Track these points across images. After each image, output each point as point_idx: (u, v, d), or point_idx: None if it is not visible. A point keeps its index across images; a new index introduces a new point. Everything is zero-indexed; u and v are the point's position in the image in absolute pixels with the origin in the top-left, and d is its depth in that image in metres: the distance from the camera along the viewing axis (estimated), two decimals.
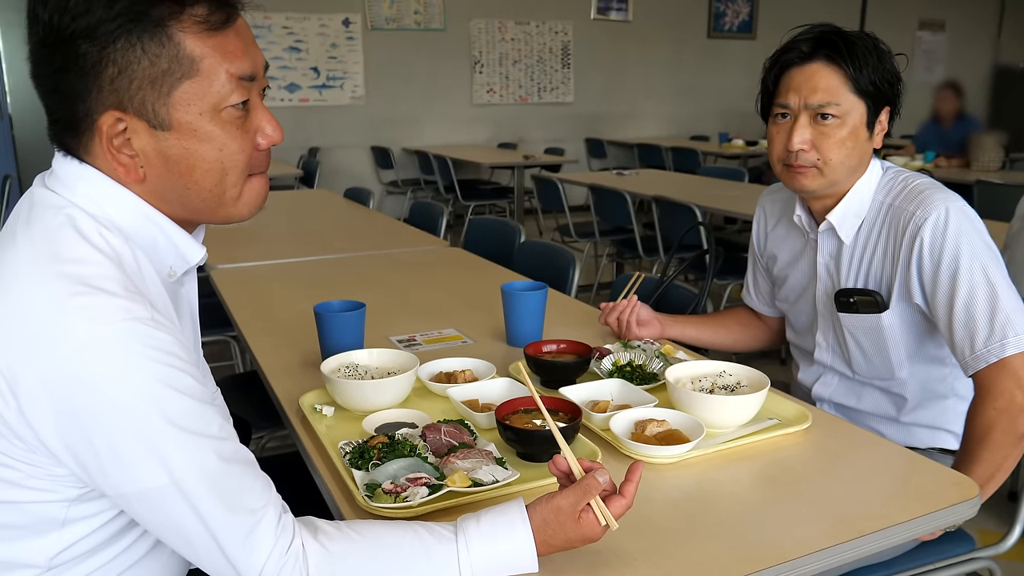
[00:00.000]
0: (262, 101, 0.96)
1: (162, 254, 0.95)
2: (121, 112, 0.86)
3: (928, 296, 1.45)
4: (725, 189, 4.64)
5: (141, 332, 0.81)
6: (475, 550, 0.91)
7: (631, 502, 0.96)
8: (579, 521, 0.93)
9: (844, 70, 1.43)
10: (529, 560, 0.92)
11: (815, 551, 0.98)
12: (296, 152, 7.34)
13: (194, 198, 0.93)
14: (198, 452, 0.83)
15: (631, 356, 1.56)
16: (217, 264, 2.52)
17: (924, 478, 1.17)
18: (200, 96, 0.88)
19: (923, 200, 1.45)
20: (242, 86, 0.90)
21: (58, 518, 0.88)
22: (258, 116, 0.95)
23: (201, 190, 0.92)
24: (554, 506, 0.94)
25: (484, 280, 2.31)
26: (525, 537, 0.92)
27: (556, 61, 8.47)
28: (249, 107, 0.93)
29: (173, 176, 0.91)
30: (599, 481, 0.94)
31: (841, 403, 1.66)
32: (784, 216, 1.72)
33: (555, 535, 0.93)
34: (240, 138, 0.92)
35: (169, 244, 0.95)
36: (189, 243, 0.97)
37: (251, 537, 0.85)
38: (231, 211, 0.96)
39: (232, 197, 0.95)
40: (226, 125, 0.90)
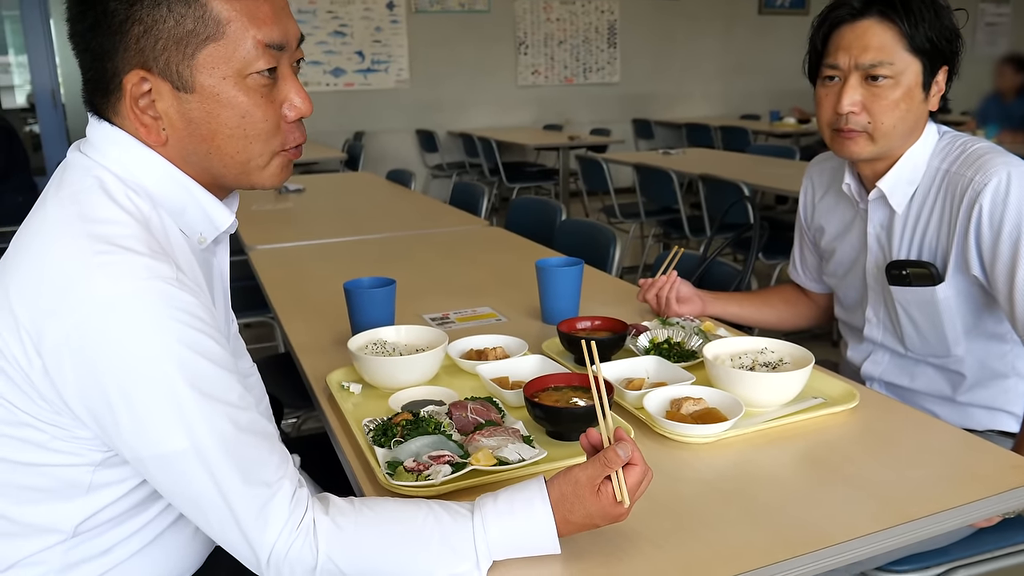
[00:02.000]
0: (294, 73, 0.95)
1: (191, 219, 0.94)
2: (146, 72, 0.86)
3: (987, 267, 1.36)
4: (775, 167, 4.52)
5: (164, 291, 0.81)
6: (492, 528, 0.87)
7: (646, 467, 0.91)
8: (598, 495, 0.88)
9: (898, 26, 1.35)
10: (549, 538, 0.88)
11: (861, 536, 0.92)
12: (341, 136, 7.37)
13: (216, 163, 0.92)
14: (216, 417, 0.82)
15: (669, 333, 1.50)
16: (256, 245, 2.52)
17: (981, 461, 1.09)
18: (225, 60, 0.87)
19: (982, 165, 1.35)
20: (269, 53, 0.89)
21: (83, 483, 0.88)
22: (286, 87, 0.93)
23: (224, 155, 0.91)
24: (572, 479, 0.89)
25: (522, 259, 2.26)
26: (544, 514, 0.88)
27: (602, 41, 8.34)
28: (277, 76, 0.92)
29: (195, 140, 0.90)
30: (619, 455, 0.88)
31: (893, 382, 1.58)
32: (833, 186, 1.63)
33: (573, 510, 0.88)
34: (265, 107, 0.91)
35: (198, 209, 0.94)
36: (218, 208, 0.96)
37: (265, 510, 0.83)
38: (255, 179, 0.95)
39: (258, 166, 0.94)
40: (250, 92, 0.89)
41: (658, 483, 1.04)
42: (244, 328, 3.94)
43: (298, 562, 0.84)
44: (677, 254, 1.77)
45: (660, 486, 1.04)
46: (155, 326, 0.80)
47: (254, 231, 2.76)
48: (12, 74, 9.81)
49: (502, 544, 0.87)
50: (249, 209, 3.22)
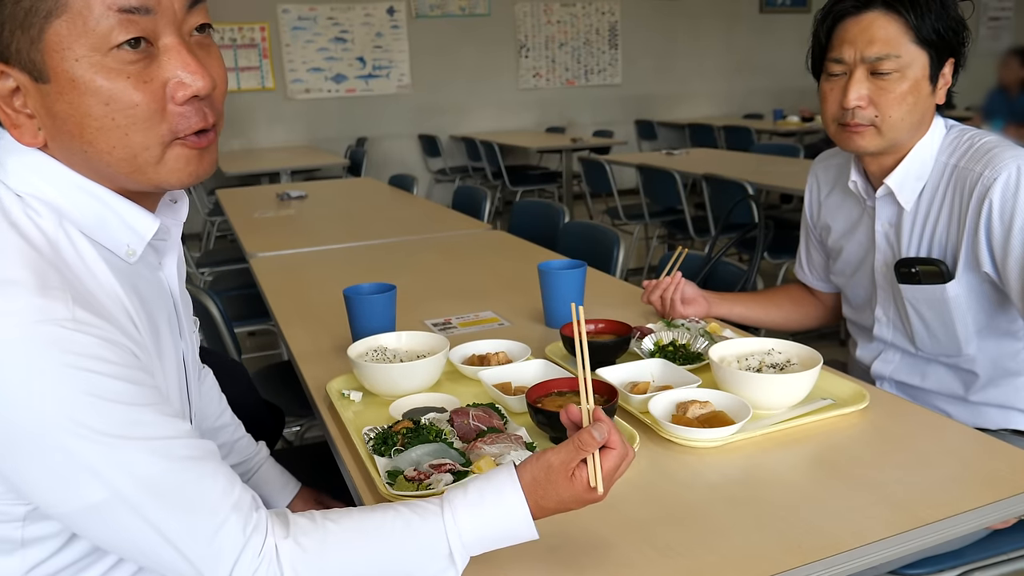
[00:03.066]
0: (184, 42, 0.78)
1: (113, 232, 0.82)
2: (3, 64, 0.74)
3: (998, 263, 1.33)
4: (779, 166, 4.49)
5: (55, 337, 0.70)
6: (464, 523, 0.83)
7: (624, 449, 0.87)
8: (572, 480, 0.84)
9: (904, 18, 1.32)
10: (524, 525, 0.84)
11: (874, 541, 0.89)
12: (343, 142, 7.36)
13: (98, 162, 0.78)
14: (136, 458, 0.73)
15: (674, 335, 1.47)
16: (257, 253, 2.51)
17: (995, 461, 1.06)
18: (74, 37, 0.72)
19: (991, 159, 1.33)
20: (128, 21, 0.73)
21: (16, 538, 0.79)
22: (170, 61, 0.76)
23: (101, 153, 0.77)
24: (544, 463, 0.85)
25: (525, 262, 2.24)
26: (517, 502, 0.83)
27: (603, 42, 8.32)
28: (157, 50, 0.76)
29: (67, 138, 0.77)
30: (595, 437, 0.83)
31: (903, 381, 1.55)
32: (839, 183, 1.61)
33: (547, 495, 0.84)
34: (135, 88, 0.75)
35: (115, 218, 0.81)
36: (137, 214, 0.83)
37: (216, 541, 0.76)
38: (155, 178, 0.80)
39: (148, 161, 0.78)
40: (113, 73, 0.74)
41: (664, 489, 1.02)
42: (247, 336, 3.93)
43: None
44: (681, 255, 1.74)
45: (666, 492, 1.02)
46: (47, 378, 0.69)
47: (255, 239, 2.75)
48: None
49: (476, 537, 0.83)
50: (251, 217, 3.21)
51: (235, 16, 6.98)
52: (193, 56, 0.77)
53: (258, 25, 7.09)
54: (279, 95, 7.28)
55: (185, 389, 0.96)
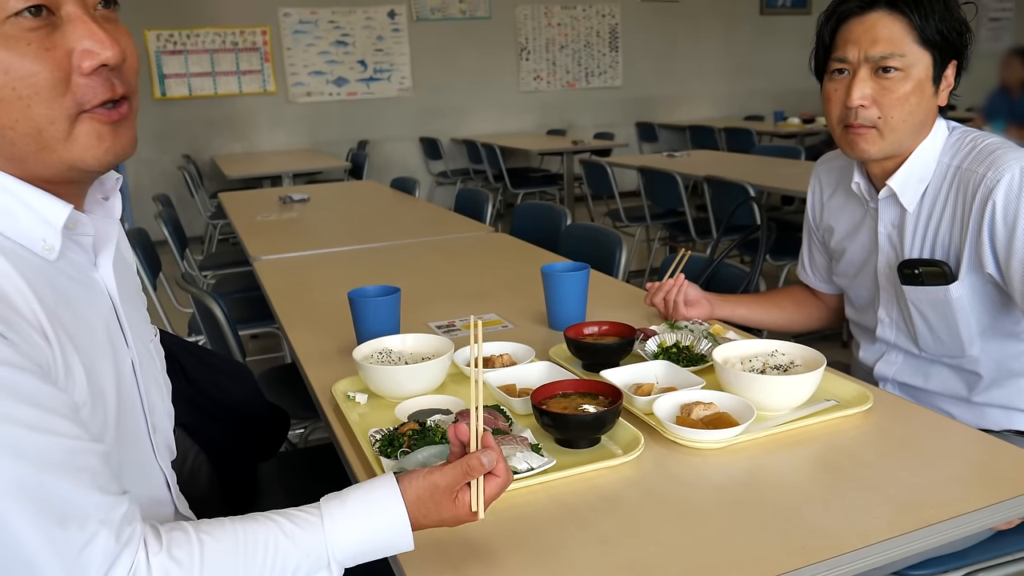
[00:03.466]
0: (90, 14, 0.75)
1: (25, 225, 0.76)
2: None
3: (1002, 264, 1.34)
4: (780, 167, 4.50)
5: None
6: (343, 532, 0.83)
7: (507, 476, 0.89)
8: (455, 502, 0.86)
9: (908, 18, 1.33)
10: (404, 538, 0.85)
11: (877, 541, 0.90)
12: (345, 145, 7.37)
13: (3, 142, 0.74)
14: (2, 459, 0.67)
15: (678, 337, 1.48)
16: (261, 255, 2.51)
17: (999, 462, 1.07)
18: None
19: (994, 161, 1.33)
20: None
21: None
22: (75, 30, 0.73)
23: (3, 129, 0.73)
24: (431, 483, 0.86)
25: (528, 265, 2.25)
26: (399, 517, 0.84)
27: (604, 45, 8.33)
28: (60, 19, 0.73)
29: None
30: (483, 463, 0.86)
31: (906, 383, 1.55)
32: (841, 185, 1.61)
33: (428, 514, 0.86)
34: (40, 57, 0.71)
35: (25, 210, 0.76)
36: (44, 201, 0.77)
37: (83, 554, 0.70)
38: (65, 155, 0.76)
39: (56, 136, 0.74)
40: (12, 40, 0.70)
41: (669, 490, 1.03)
42: (250, 339, 3.94)
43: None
44: (684, 257, 1.75)
45: (671, 493, 1.02)
46: None
47: (258, 242, 2.75)
48: None
49: (355, 551, 0.84)
50: (253, 220, 3.22)
51: (237, 20, 6.99)
52: (99, 25, 0.74)
53: (259, 29, 7.10)
54: (280, 98, 7.30)
55: (137, 396, 0.91)
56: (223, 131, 7.19)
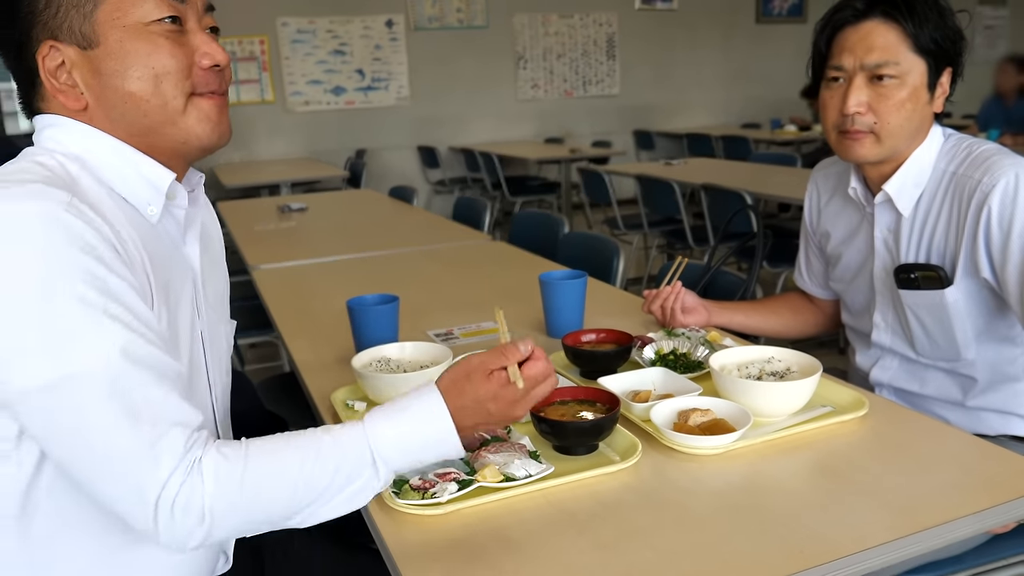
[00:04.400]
0: (205, 32, 0.98)
1: (134, 187, 0.95)
2: (54, 41, 0.91)
3: (997, 269, 1.35)
4: (777, 175, 4.51)
5: (51, 215, 0.80)
6: (382, 428, 0.89)
7: (549, 366, 0.93)
8: (489, 378, 0.90)
9: (903, 27, 1.34)
10: (444, 427, 0.90)
11: (875, 545, 0.90)
12: (343, 154, 7.39)
13: (136, 113, 0.93)
14: (107, 345, 0.80)
15: (675, 344, 1.49)
16: (259, 264, 2.52)
17: (994, 466, 1.08)
18: (124, 10, 0.91)
19: (990, 166, 1.35)
20: (167, 2, 0.93)
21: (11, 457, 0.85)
22: (196, 39, 0.96)
23: (139, 101, 0.93)
24: (464, 364, 0.92)
25: (526, 273, 2.26)
26: (434, 401, 0.90)
27: (601, 53, 8.36)
28: (186, 30, 0.95)
29: (109, 92, 0.92)
30: (520, 349, 0.91)
31: (902, 387, 1.56)
32: (838, 191, 1.62)
33: (464, 392, 0.90)
34: (172, 50, 0.93)
35: (137, 175, 0.95)
36: (155, 168, 0.96)
37: (157, 447, 0.81)
38: (181, 127, 0.95)
39: (175, 109, 0.94)
40: (155, 37, 0.92)
41: (667, 496, 1.04)
42: (249, 348, 3.93)
43: (188, 500, 0.81)
44: (681, 264, 1.76)
45: (669, 499, 1.03)
46: (34, 247, 0.79)
47: (257, 251, 2.76)
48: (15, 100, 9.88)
49: (398, 444, 0.88)
50: (252, 229, 3.23)
51: (235, 29, 7.01)
52: (212, 38, 0.98)
53: (258, 38, 7.12)
54: (279, 107, 7.32)
55: (203, 361, 1.04)
56: None
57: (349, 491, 0.88)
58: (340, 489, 0.87)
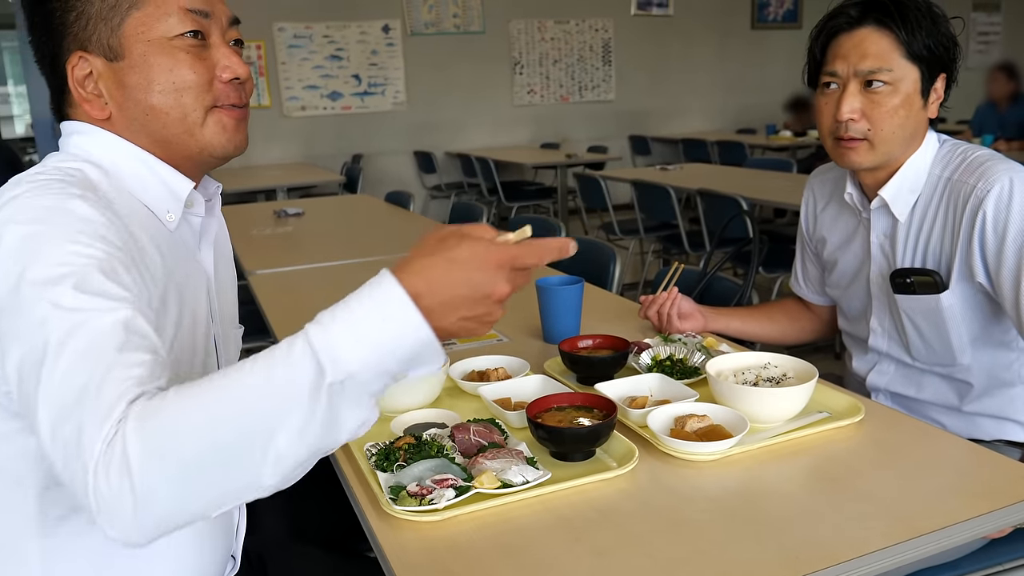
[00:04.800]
0: (228, 47, 1.00)
1: (155, 194, 0.98)
2: (83, 51, 0.95)
3: (992, 274, 1.36)
4: (772, 180, 4.53)
5: (64, 203, 0.83)
6: (332, 329, 0.70)
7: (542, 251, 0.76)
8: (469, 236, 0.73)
9: (895, 34, 1.35)
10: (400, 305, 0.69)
11: (871, 551, 0.91)
12: (339, 159, 7.38)
13: (157, 124, 0.96)
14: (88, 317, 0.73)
15: (671, 350, 1.49)
16: (256, 270, 2.52)
17: (990, 472, 1.08)
18: (149, 24, 0.94)
19: (984, 172, 1.35)
20: (191, 17, 0.95)
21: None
22: (218, 53, 0.99)
23: (160, 114, 0.96)
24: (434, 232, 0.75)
25: None
26: (387, 281, 0.71)
27: (597, 59, 8.38)
28: (210, 44, 0.98)
29: (132, 104, 0.96)
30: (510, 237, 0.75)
31: (898, 392, 1.57)
32: (834, 197, 1.63)
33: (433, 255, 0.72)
34: (194, 64, 0.96)
35: (157, 181, 0.98)
36: (175, 176, 1.00)
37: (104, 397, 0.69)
38: (198, 138, 0.98)
39: (195, 121, 0.97)
40: (177, 51, 0.95)
41: (664, 502, 1.04)
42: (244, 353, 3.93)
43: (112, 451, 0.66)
44: (677, 270, 1.76)
45: (666, 505, 1.03)
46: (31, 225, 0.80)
47: (253, 256, 2.76)
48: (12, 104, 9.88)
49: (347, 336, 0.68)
50: (248, 234, 3.22)
51: None
52: (235, 52, 1.00)
53: (254, 43, 7.12)
54: (275, 112, 7.31)
55: (216, 366, 1.07)
56: None
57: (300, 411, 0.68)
58: (287, 408, 0.67)
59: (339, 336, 0.70)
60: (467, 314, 0.75)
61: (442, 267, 0.73)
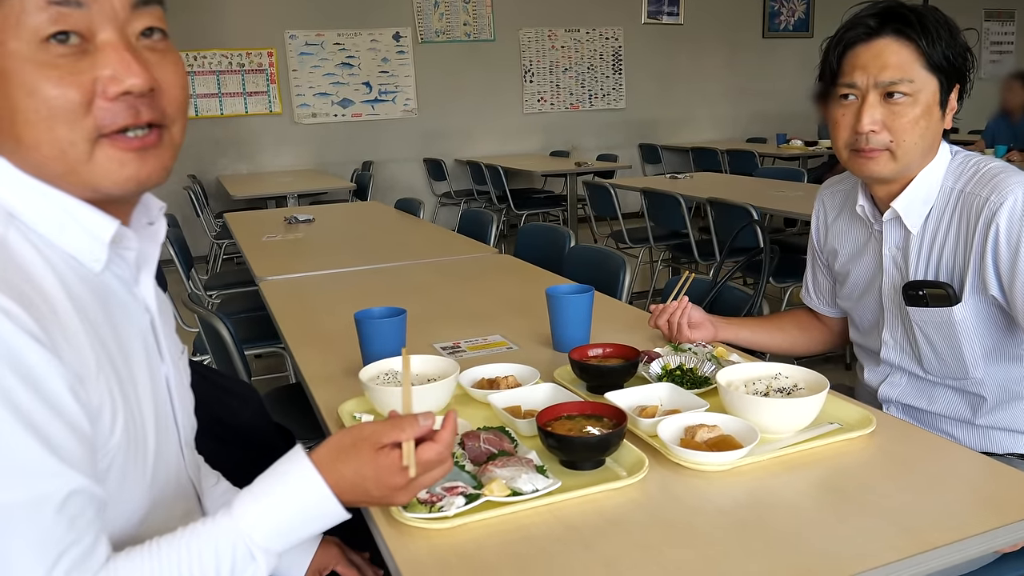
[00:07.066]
0: (128, 43, 0.76)
1: (74, 237, 0.79)
2: None
3: (1005, 287, 1.35)
4: (783, 189, 4.52)
5: None
6: (255, 514, 0.80)
7: (445, 449, 0.85)
8: (377, 453, 0.81)
9: (916, 44, 1.35)
10: (321, 498, 0.80)
11: (881, 565, 0.90)
12: (350, 166, 7.42)
13: (32, 161, 0.76)
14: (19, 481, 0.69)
15: (681, 359, 1.49)
16: (266, 276, 2.53)
17: (1002, 485, 1.07)
18: (7, 29, 0.72)
19: (997, 184, 1.35)
20: (60, 15, 0.72)
21: None
22: (104, 57, 0.74)
23: (31, 149, 0.75)
24: (353, 432, 0.83)
25: (532, 286, 2.26)
26: (307, 472, 0.80)
27: (607, 67, 8.39)
28: (93, 46, 0.75)
29: (3, 134, 0.75)
30: (419, 423, 0.82)
31: (911, 404, 1.56)
32: (846, 208, 1.63)
33: (347, 460, 0.81)
34: (64, 81, 0.73)
35: (73, 222, 0.78)
36: (92, 216, 0.79)
37: None
38: (87, 177, 0.77)
39: (77, 158, 0.75)
40: (42, 65, 0.72)
41: (673, 512, 1.03)
42: (256, 358, 3.94)
43: None
44: (688, 279, 1.76)
45: (675, 515, 1.03)
46: None
47: (264, 262, 2.77)
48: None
49: (273, 527, 0.80)
50: (259, 240, 3.24)
51: (243, 42, 7.06)
52: (131, 53, 0.75)
53: (266, 51, 7.17)
54: (286, 119, 7.35)
55: (171, 411, 0.93)
56: (229, 151, 7.24)
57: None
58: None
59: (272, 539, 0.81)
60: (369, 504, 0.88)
61: (350, 482, 0.83)
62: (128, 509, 0.83)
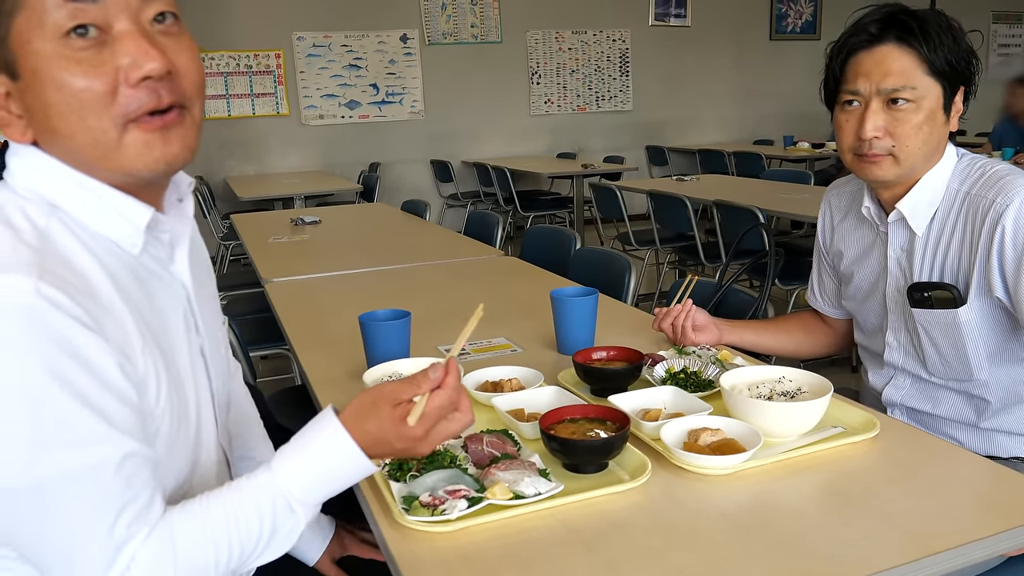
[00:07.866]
0: (142, 29, 0.81)
1: (112, 224, 0.85)
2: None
3: (1011, 289, 1.35)
4: (790, 192, 4.51)
5: (22, 306, 0.72)
6: (291, 470, 0.89)
7: (452, 392, 0.92)
8: (395, 409, 0.90)
9: (917, 51, 1.34)
10: (350, 454, 0.89)
11: (885, 569, 0.90)
12: (356, 168, 7.43)
13: (70, 153, 0.82)
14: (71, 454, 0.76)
15: (685, 362, 1.48)
16: (272, 278, 2.54)
17: (1007, 489, 1.07)
18: (32, 30, 0.77)
19: (1004, 186, 1.34)
20: (78, 10, 0.77)
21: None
22: (123, 46, 0.79)
23: (67, 140, 0.81)
24: (373, 392, 0.91)
25: (537, 288, 2.26)
26: (336, 430, 0.89)
27: (614, 69, 8.39)
28: (111, 38, 0.79)
29: (41, 131, 0.82)
30: (430, 376, 0.90)
31: (914, 407, 1.56)
32: (851, 210, 1.62)
33: (369, 418, 0.90)
34: (84, 73, 0.78)
35: (111, 209, 0.85)
36: (128, 203, 0.86)
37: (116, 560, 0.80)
38: (119, 162, 0.82)
39: (108, 144, 0.81)
40: (66, 61, 0.78)
41: (676, 516, 1.03)
42: (261, 360, 3.94)
43: None
44: (691, 282, 1.76)
45: (678, 519, 1.02)
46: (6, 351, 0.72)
47: (270, 264, 2.78)
48: None
49: (309, 481, 0.89)
50: (265, 242, 3.24)
51: (251, 43, 7.08)
52: (147, 40, 0.80)
53: (273, 52, 7.19)
54: (293, 121, 7.37)
55: (207, 381, 1.00)
56: (236, 153, 7.26)
57: (278, 539, 0.90)
58: (268, 542, 0.89)
59: (308, 492, 0.90)
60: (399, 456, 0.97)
61: (374, 438, 0.91)
62: (176, 468, 0.92)
